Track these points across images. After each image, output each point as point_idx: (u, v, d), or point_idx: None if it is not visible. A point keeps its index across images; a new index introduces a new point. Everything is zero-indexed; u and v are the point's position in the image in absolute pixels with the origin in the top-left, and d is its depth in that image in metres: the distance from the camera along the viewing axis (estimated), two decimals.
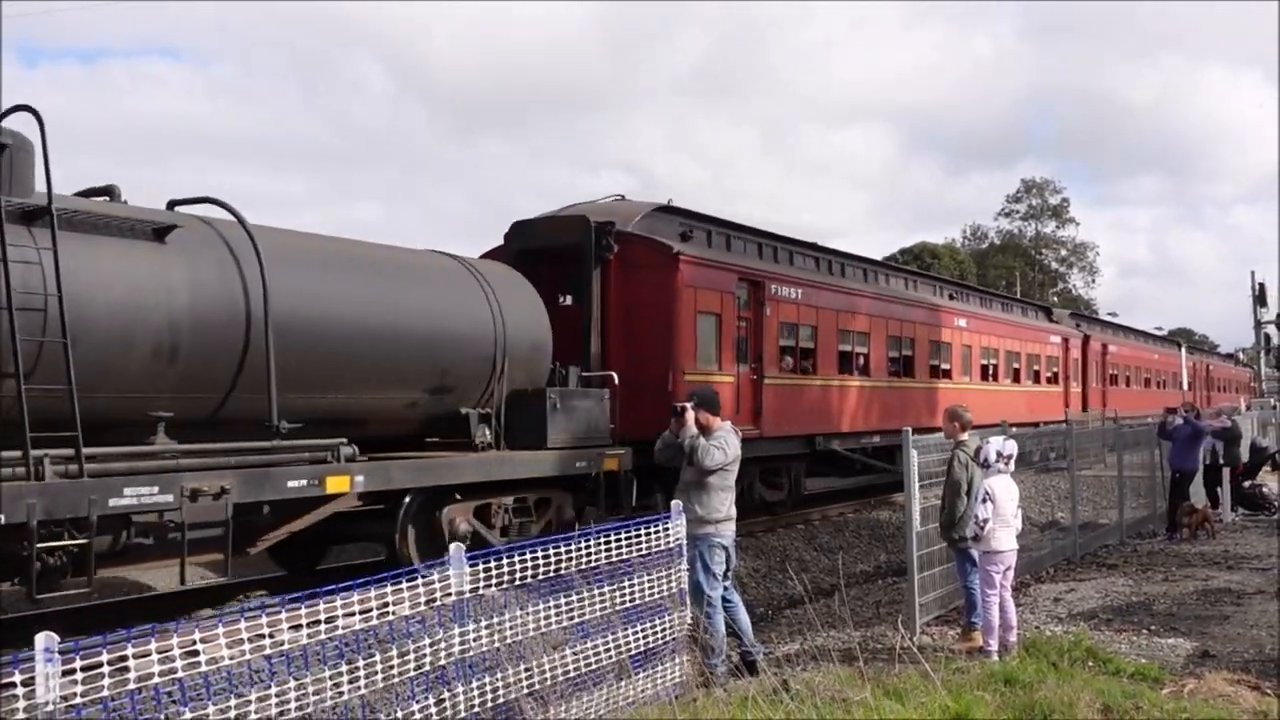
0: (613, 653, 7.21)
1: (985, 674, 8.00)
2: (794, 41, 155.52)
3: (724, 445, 8.64)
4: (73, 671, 4.45)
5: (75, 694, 4.46)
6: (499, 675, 6.35)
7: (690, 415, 8.67)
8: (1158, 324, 69.33)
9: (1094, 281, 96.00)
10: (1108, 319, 49.59)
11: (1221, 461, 18.94)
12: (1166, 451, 18.35)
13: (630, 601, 7.47)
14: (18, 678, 4.28)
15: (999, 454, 9.15)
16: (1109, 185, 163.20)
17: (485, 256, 15.13)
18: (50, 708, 4.33)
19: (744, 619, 8.79)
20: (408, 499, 11.17)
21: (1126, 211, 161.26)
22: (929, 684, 7.26)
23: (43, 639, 4.33)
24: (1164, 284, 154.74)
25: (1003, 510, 9.04)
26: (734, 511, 8.78)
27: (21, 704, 4.28)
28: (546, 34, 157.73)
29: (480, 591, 6.43)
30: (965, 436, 9.85)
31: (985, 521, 8.94)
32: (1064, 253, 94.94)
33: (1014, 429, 13.94)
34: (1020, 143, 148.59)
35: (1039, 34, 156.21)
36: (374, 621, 5.83)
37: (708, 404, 8.91)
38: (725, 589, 8.72)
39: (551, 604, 6.84)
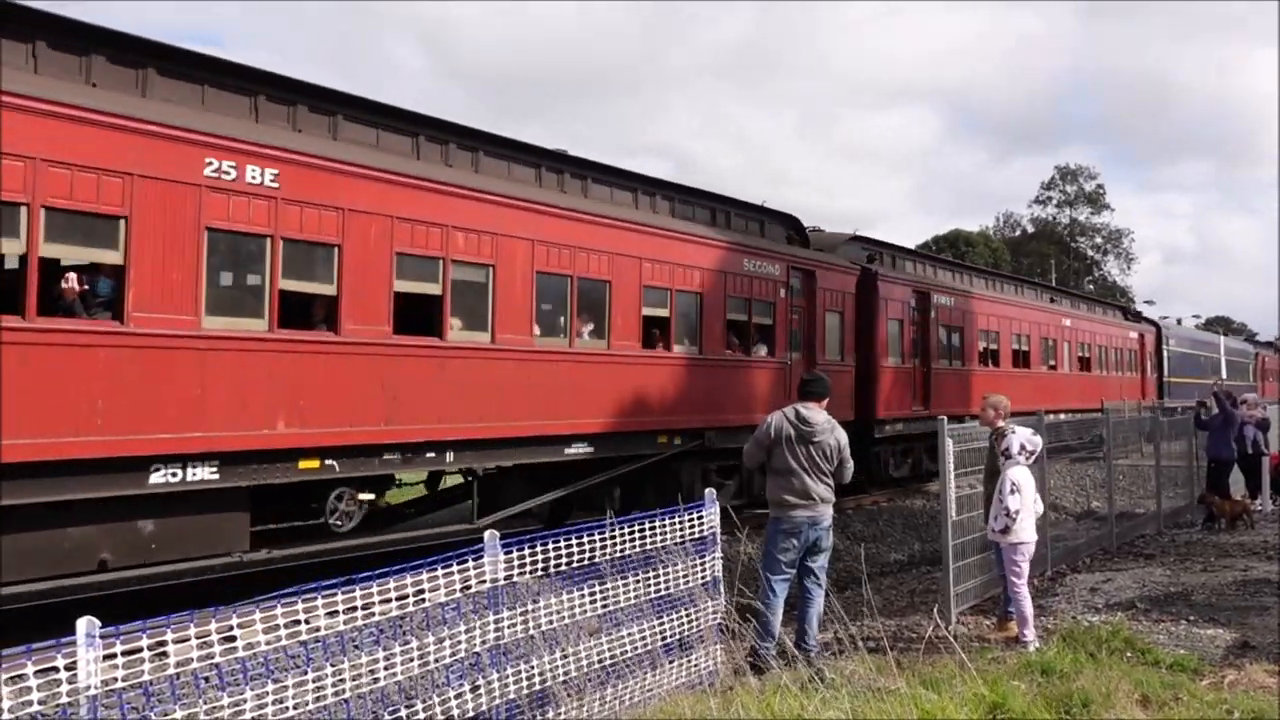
0: (646, 641, 7.21)
1: (1021, 664, 7.96)
2: (834, 20, 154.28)
3: (762, 423, 8.65)
4: (114, 656, 4.50)
5: (116, 679, 4.50)
6: (533, 663, 6.37)
7: None
8: (1196, 312, 66.64)
9: (1129, 268, 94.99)
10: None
11: (1264, 450, 18.70)
12: (1203, 441, 18.17)
13: (664, 590, 7.47)
14: (60, 662, 4.32)
15: (1022, 447, 9.12)
16: (1152, 170, 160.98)
17: None
18: (92, 692, 4.37)
19: (811, 613, 8.60)
20: None
21: (1170, 197, 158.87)
22: (965, 674, 7.22)
23: (84, 624, 4.37)
24: (1208, 271, 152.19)
25: (1027, 500, 9.03)
26: (800, 498, 8.47)
27: (64, 688, 4.33)
28: (581, 14, 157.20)
29: (514, 579, 6.45)
30: (1003, 424, 9.80)
31: (1017, 513, 8.93)
32: (1099, 239, 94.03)
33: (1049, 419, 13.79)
34: (1063, 125, 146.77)
35: (1086, 12, 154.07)
36: (410, 608, 5.85)
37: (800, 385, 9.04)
38: (809, 579, 8.65)
39: (585, 592, 6.85)
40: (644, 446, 15.01)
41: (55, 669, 4.34)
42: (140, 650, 4.61)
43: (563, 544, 6.77)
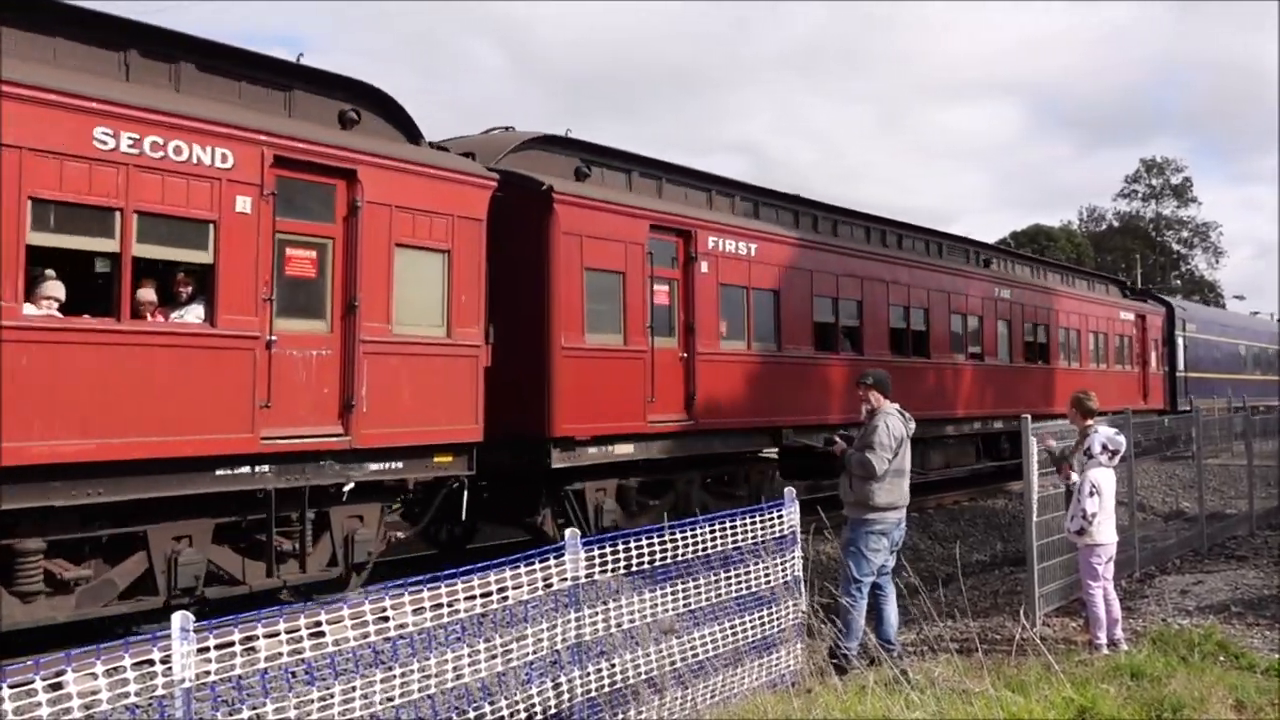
0: (727, 639, 7.20)
1: (1110, 667, 7.79)
2: (913, 14, 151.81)
3: (884, 429, 8.47)
4: (206, 650, 4.62)
5: (209, 672, 4.62)
6: (613, 661, 6.39)
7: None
8: None
9: (1218, 262, 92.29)
10: None
11: None
12: None
13: (744, 589, 7.45)
14: (156, 655, 4.44)
15: (1104, 447, 8.93)
16: (1244, 162, 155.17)
17: None
18: (186, 685, 4.48)
19: (890, 612, 8.59)
20: None
21: (1262, 189, 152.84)
22: (1052, 676, 7.09)
23: (179, 619, 4.49)
24: None
25: (1106, 502, 8.85)
26: (897, 499, 8.50)
27: (160, 680, 4.45)
28: (654, 10, 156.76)
29: (595, 577, 6.48)
30: (1091, 423, 9.60)
31: (1094, 516, 8.76)
32: (1185, 233, 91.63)
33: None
34: (1151, 117, 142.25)
35: (1178, 7, 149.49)
36: (492, 606, 5.91)
37: (878, 385, 8.85)
38: (883, 576, 8.59)
39: (665, 590, 6.86)
40: None
41: (151, 662, 4.46)
42: (232, 645, 4.72)
43: (644, 543, 6.79)
